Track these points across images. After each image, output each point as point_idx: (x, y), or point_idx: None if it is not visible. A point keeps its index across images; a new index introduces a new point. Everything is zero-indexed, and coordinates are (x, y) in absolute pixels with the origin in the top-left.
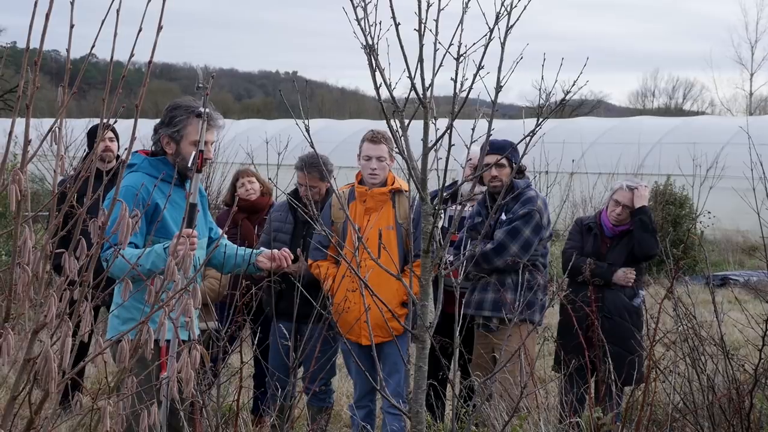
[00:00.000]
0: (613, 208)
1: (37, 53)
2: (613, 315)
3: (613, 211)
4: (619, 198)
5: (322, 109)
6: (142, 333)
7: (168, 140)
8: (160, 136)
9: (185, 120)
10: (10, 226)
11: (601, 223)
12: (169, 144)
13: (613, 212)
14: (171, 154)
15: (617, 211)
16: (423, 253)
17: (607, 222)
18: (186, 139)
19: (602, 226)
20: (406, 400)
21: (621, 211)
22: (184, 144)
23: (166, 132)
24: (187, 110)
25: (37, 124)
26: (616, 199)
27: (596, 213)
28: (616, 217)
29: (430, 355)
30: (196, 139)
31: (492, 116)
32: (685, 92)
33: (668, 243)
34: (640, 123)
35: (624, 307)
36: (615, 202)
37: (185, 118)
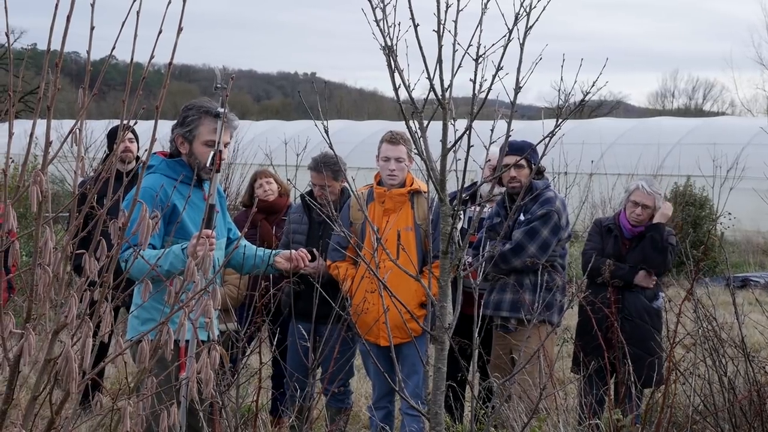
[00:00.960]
0: (632, 209)
1: (58, 55)
2: (633, 317)
3: (633, 212)
4: (637, 198)
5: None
6: (162, 333)
7: (182, 140)
8: (174, 136)
9: (197, 120)
10: (31, 227)
11: (620, 225)
12: (183, 144)
13: (633, 213)
14: (185, 154)
15: (636, 212)
16: (442, 254)
17: (626, 223)
18: (198, 139)
19: (621, 228)
20: (424, 401)
21: (641, 212)
22: (196, 144)
23: (180, 132)
24: (200, 110)
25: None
26: (634, 200)
27: (615, 214)
28: (636, 218)
29: (449, 356)
30: (208, 139)
31: (511, 117)
32: (705, 93)
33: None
34: (659, 123)
35: (644, 309)
36: (633, 203)
37: (197, 118)
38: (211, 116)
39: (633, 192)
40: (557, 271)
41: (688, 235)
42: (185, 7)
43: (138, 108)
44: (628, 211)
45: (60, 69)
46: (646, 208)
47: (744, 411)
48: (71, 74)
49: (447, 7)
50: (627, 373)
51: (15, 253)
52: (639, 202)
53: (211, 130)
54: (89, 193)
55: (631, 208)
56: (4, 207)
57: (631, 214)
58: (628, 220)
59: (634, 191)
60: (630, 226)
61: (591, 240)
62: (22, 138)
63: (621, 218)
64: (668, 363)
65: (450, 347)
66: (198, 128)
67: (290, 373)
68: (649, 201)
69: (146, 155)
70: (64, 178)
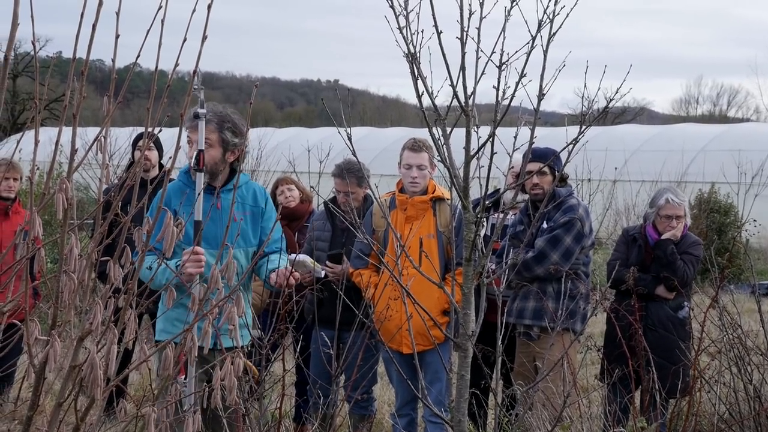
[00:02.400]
0: (667, 223)
1: (84, 63)
2: (657, 327)
3: (667, 225)
4: (669, 212)
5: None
6: (187, 340)
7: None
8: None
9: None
10: (57, 234)
11: (645, 234)
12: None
13: (668, 227)
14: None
15: (672, 225)
16: (465, 261)
17: (652, 233)
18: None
19: (647, 237)
20: (447, 408)
21: (675, 224)
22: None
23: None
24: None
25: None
26: (667, 214)
27: (642, 224)
28: (668, 228)
29: (472, 363)
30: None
31: (534, 124)
32: (730, 99)
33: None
34: (683, 130)
35: (668, 319)
36: (666, 218)
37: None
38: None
39: (663, 207)
40: (580, 278)
41: (712, 242)
42: (210, 15)
43: (163, 116)
44: (661, 226)
45: (86, 77)
46: (679, 219)
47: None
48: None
49: (470, 15)
50: (651, 381)
51: (40, 260)
52: (672, 215)
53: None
54: (114, 201)
55: (664, 222)
56: (30, 214)
57: (665, 228)
58: (656, 232)
59: (664, 206)
60: (656, 236)
61: (617, 250)
62: (47, 146)
63: (648, 229)
64: (693, 371)
65: (473, 354)
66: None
67: (313, 380)
68: (680, 211)
69: (170, 163)
70: (88, 185)
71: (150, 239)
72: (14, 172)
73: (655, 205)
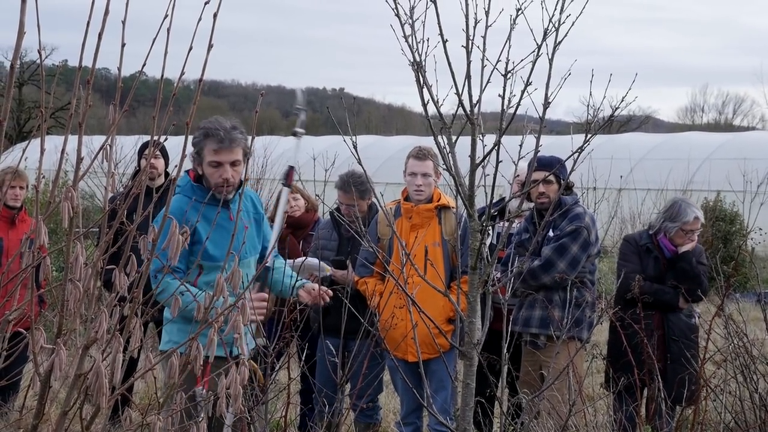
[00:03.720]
0: (687, 236)
1: (90, 72)
2: (679, 337)
3: (687, 239)
4: (694, 227)
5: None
6: (192, 349)
7: (196, 163)
8: (192, 158)
9: (201, 142)
10: (62, 243)
11: (660, 246)
12: (198, 166)
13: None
14: (201, 175)
15: (692, 238)
16: (470, 269)
17: (669, 245)
18: (204, 160)
19: (662, 249)
20: (453, 417)
21: (694, 237)
22: (204, 165)
23: (192, 154)
24: (202, 132)
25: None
26: (692, 229)
27: (651, 234)
28: (687, 242)
29: (478, 372)
30: (211, 159)
31: (540, 132)
32: (735, 107)
33: (718, 260)
34: (689, 138)
35: (687, 328)
36: (690, 231)
37: (201, 140)
38: (212, 137)
39: (691, 223)
40: (586, 287)
41: (718, 250)
42: (215, 23)
43: (168, 124)
44: (680, 239)
45: (91, 86)
46: (694, 231)
47: None
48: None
49: (476, 23)
50: (657, 390)
51: (46, 269)
52: (696, 229)
53: (212, 151)
54: (119, 209)
55: (685, 236)
56: (36, 222)
57: (682, 241)
58: (671, 243)
59: (692, 222)
60: (672, 247)
61: (629, 261)
62: (53, 154)
63: (663, 241)
64: (699, 379)
65: (479, 363)
66: (203, 150)
67: (319, 389)
68: (699, 225)
69: (176, 171)
70: (94, 193)
71: (156, 248)
72: (20, 180)
73: (680, 220)
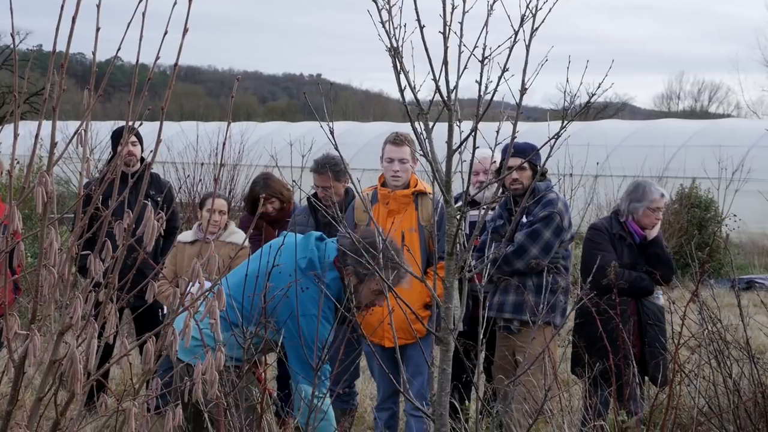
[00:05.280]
0: (651, 215)
1: (64, 56)
2: (651, 320)
3: (652, 217)
4: (660, 205)
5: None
6: (168, 335)
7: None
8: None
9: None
10: (36, 228)
11: (631, 232)
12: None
13: (652, 218)
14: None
15: (656, 216)
16: (447, 255)
17: (638, 230)
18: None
19: (633, 235)
20: (429, 402)
21: (659, 216)
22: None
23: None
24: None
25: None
26: (657, 207)
27: (621, 221)
28: (654, 222)
29: (454, 357)
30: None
31: (516, 119)
32: (711, 95)
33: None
34: (665, 126)
35: (658, 310)
36: (655, 210)
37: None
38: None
39: (657, 200)
40: (560, 272)
41: (693, 237)
42: (191, 7)
43: (143, 109)
44: (647, 218)
45: (65, 70)
46: (659, 211)
47: (749, 413)
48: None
49: (453, 9)
50: (633, 375)
51: (20, 254)
52: (661, 207)
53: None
54: (94, 195)
55: (650, 214)
56: (9, 208)
57: (650, 221)
58: (640, 227)
59: (659, 200)
60: (641, 232)
61: (603, 249)
62: (27, 139)
63: (633, 226)
64: (673, 364)
65: (455, 348)
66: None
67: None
68: (663, 205)
69: (151, 156)
70: (69, 179)
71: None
72: None
73: (646, 199)
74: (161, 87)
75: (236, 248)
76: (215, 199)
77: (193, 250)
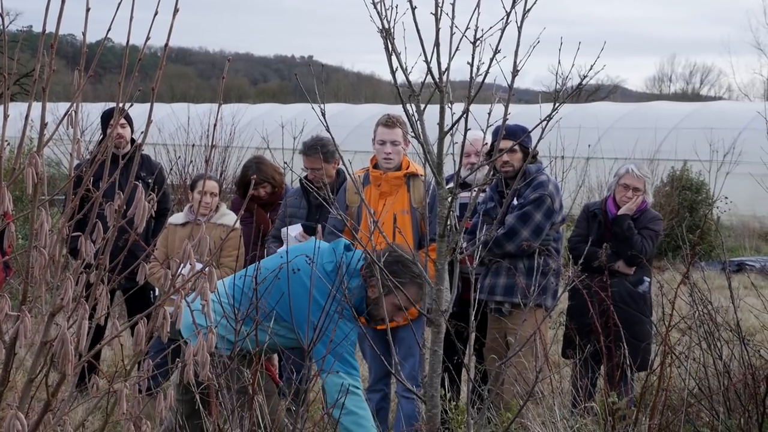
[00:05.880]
0: (623, 193)
1: (53, 37)
2: (618, 302)
3: (623, 195)
4: (627, 182)
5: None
6: (159, 317)
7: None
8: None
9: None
10: (27, 210)
11: (606, 210)
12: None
13: (623, 196)
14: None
15: (627, 195)
16: (438, 237)
17: (612, 208)
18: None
19: (607, 213)
20: (420, 384)
21: (631, 195)
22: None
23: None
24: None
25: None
26: (625, 183)
27: (603, 199)
28: (624, 199)
29: (446, 339)
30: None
31: (508, 101)
32: (703, 77)
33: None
34: (656, 108)
35: (628, 294)
36: (624, 187)
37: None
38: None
39: (623, 176)
40: (551, 255)
41: (684, 219)
42: None
43: (134, 90)
44: (619, 194)
45: (55, 51)
46: (636, 191)
47: (739, 394)
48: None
49: None
50: (622, 357)
51: (11, 236)
52: (630, 185)
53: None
54: (85, 176)
55: (621, 191)
56: (0, 189)
57: (621, 198)
58: (616, 205)
59: (624, 175)
60: (615, 210)
61: (578, 227)
62: (17, 121)
63: (608, 203)
64: (664, 346)
65: (446, 330)
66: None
67: (287, 356)
68: (639, 184)
69: (141, 138)
70: (60, 161)
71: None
72: None
73: (618, 174)
74: (152, 69)
75: (227, 230)
76: (206, 181)
77: (184, 232)
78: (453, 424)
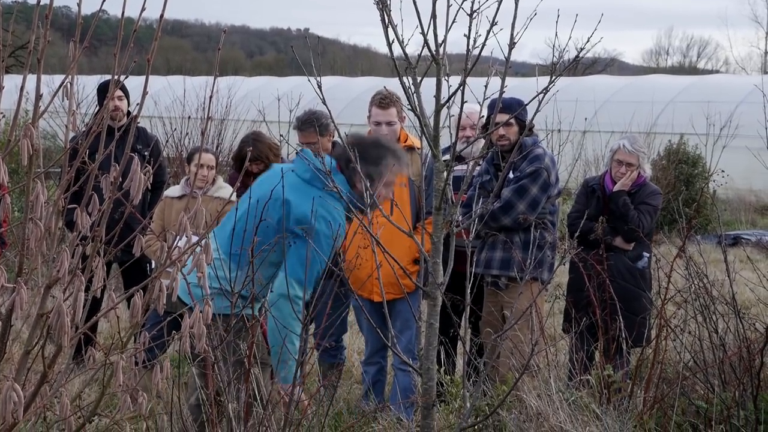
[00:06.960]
0: (617, 168)
1: (48, 8)
2: (616, 277)
3: (618, 171)
4: (620, 157)
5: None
6: (155, 289)
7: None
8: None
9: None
10: (23, 182)
11: (603, 185)
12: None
13: (618, 172)
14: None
15: (621, 171)
16: (435, 210)
17: (609, 184)
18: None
19: (605, 188)
20: (417, 356)
21: (625, 170)
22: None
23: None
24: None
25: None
26: (618, 159)
27: (602, 174)
28: (618, 174)
29: (442, 312)
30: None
31: (505, 73)
32: (700, 50)
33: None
34: (653, 81)
35: (626, 269)
36: (617, 162)
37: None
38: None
39: (616, 151)
40: (547, 228)
41: (680, 193)
42: None
43: (129, 62)
44: (614, 170)
45: (50, 22)
46: (630, 166)
47: (734, 367)
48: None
49: None
50: (618, 330)
51: (6, 208)
52: (623, 160)
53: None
54: (81, 148)
55: (615, 167)
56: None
57: (616, 174)
58: (613, 180)
59: (617, 150)
60: (612, 186)
61: (578, 202)
62: (13, 93)
63: (606, 179)
64: (659, 320)
65: (442, 303)
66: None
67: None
68: (632, 159)
69: (137, 110)
70: (56, 133)
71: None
72: None
73: (612, 150)
74: (147, 41)
75: (224, 203)
76: (203, 154)
77: (181, 205)
78: (449, 397)
